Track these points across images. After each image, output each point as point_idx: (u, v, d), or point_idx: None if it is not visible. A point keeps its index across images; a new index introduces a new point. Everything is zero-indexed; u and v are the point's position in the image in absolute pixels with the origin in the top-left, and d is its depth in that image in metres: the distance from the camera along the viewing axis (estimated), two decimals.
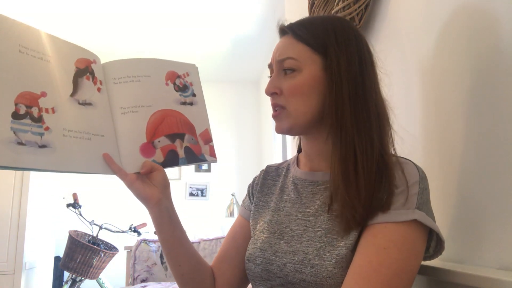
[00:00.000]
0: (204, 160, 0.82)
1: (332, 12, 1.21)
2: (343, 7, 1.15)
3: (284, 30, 0.77)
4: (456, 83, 0.79)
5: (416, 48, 0.94)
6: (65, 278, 3.41)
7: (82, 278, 3.05)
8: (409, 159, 0.69)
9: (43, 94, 0.66)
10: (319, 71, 0.71)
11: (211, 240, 2.62)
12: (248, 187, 0.91)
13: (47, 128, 0.65)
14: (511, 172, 0.64)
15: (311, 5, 1.39)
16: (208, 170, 4.61)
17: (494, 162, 0.68)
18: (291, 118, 0.72)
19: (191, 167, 4.57)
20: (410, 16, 0.99)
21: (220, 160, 4.64)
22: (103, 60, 0.79)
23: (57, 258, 3.82)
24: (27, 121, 0.62)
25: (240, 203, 0.75)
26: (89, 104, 0.72)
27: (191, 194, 4.50)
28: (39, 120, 0.64)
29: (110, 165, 0.72)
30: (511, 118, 0.65)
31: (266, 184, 0.86)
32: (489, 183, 0.69)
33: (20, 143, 0.61)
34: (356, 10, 1.13)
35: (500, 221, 0.66)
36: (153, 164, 0.76)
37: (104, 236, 3.25)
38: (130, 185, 0.74)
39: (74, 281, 3.07)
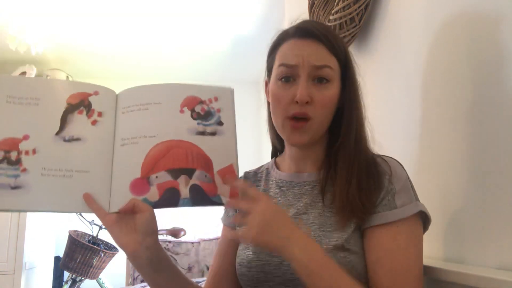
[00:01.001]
0: (219, 203, 0.68)
1: (332, 12, 1.20)
2: (343, 7, 1.15)
3: (311, 34, 0.73)
4: (456, 83, 0.79)
5: (416, 48, 0.94)
6: (65, 278, 3.40)
7: (82, 278, 3.05)
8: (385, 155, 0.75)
9: (25, 137, 0.67)
10: (340, 85, 0.75)
11: (211, 240, 2.62)
12: None
13: (24, 170, 0.66)
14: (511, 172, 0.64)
15: (311, 5, 1.39)
16: None
17: (494, 162, 0.68)
18: (312, 130, 0.72)
19: None
20: (410, 16, 0.98)
21: None
22: (104, 61, 0.78)
23: (57, 258, 3.82)
24: (3, 165, 0.65)
25: None
26: (77, 139, 0.69)
27: None
28: (16, 162, 0.66)
29: (89, 204, 0.66)
30: (509, 118, 0.65)
31: None
32: (489, 183, 0.69)
33: None
34: (356, 10, 1.13)
35: (500, 221, 0.66)
36: (137, 203, 0.66)
37: (104, 236, 3.24)
38: (107, 228, 0.67)
39: (74, 281, 3.07)
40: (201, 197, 0.68)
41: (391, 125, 1.04)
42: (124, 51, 3.86)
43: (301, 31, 0.74)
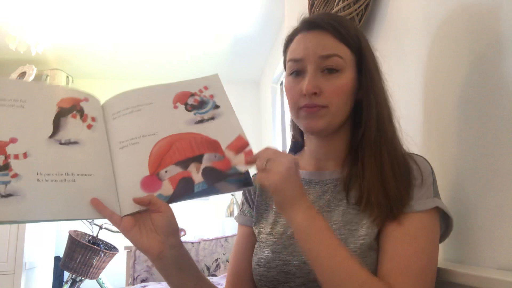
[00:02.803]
0: (236, 174, 0.65)
1: (332, 12, 1.20)
2: (343, 7, 1.15)
3: (317, 25, 0.72)
4: (456, 83, 0.79)
5: (416, 47, 0.94)
6: (65, 278, 3.40)
7: (82, 278, 3.05)
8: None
9: (12, 140, 0.62)
10: (355, 72, 0.72)
11: (211, 240, 2.62)
12: (244, 193, 0.88)
13: (14, 175, 0.60)
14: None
15: (311, 5, 1.39)
16: None
17: (494, 162, 0.68)
18: (329, 117, 0.70)
19: None
20: (410, 16, 0.98)
21: None
22: (104, 61, 0.78)
23: (57, 258, 3.82)
24: None
25: (240, 203, 0.75)
26: (75, 143, 0.66)
27: None
28: (5, 168, 0.60)
29: (100, 210, 0.61)
30: (511, 118, 0.65)
31: (265, 188, 0.85)
32: (490, 183, 0.69)
33: None
34: (356, 10, 1.13)
35: (500, 221, 0.66)
36: (153, 199, 0.63)
37: (104, 236, 3.24)
38: (125, 234, 0.63)
39: (74, 281, 3.07)
40: (216, 175, 0.66)
41: None
42: (124, 51, 3.86)
43: (307, 24, 0.74)
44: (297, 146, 0.86)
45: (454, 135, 0.79)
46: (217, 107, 0.73)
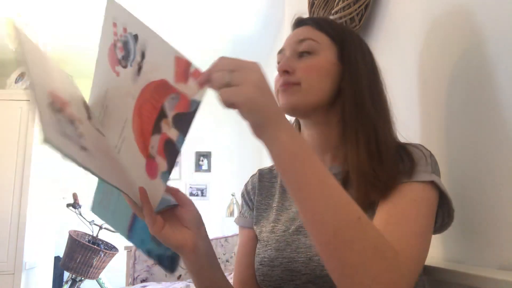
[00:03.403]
0: (198, 103, 0.53)
1: (332, 12, 1.20)
2: (343, 7, 1.15)
3: (302, 22, 0.78)
4: (456, 83, 0.79)
5: (416, 48, 0.94)
6: (65, 278, 3.40)
7: (82, 278, 3.05)
8: None
9: (68, 104, 0.57)
10: (335, 59, 0.73)
11: (211, 240, 2.61)
12: (243, 195, 0.87)
13: (80, 134, 0.54)
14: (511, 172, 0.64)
15: (311, 5, 1.39)
16: (208, 170, 4.61)
17: (494, 161, 0.68)
18: (301, 94, 0.70)
19: (191, 168, 4.56)
20: (409, 16, 0.99)
21: (220, 160, 4.64)
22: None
23: (57, 258, 3.82)
24: (64, 118, 0.53)
25: (240, 203, 0.75)
26: (102, 134, 0.64)
27: (191, 194, 4.50)
28: (72, 123, 0.54)
29: (144, 203, 0.58)
30: (511, 117, 0.65)
31: (264, 187, 0.84)
32: (489, 183, 0.69)
33: (64, 134, 0.50)
34: (356, 10, 1.13)
35: (500, 221, 0.66)
36: (179, 193, 0.63)
37: (104, 236, 3.25)
38: (158, 233, 0.60)
39: (74, 281, 3.07)
40: (186, 120, 0.54)
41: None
42: None
43: (294, 25, 0.80)
44: None
45: (454, 133, 0.79)
46: (135, 38, 0.60)
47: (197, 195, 4.52)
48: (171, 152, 0.56)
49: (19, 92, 3.37)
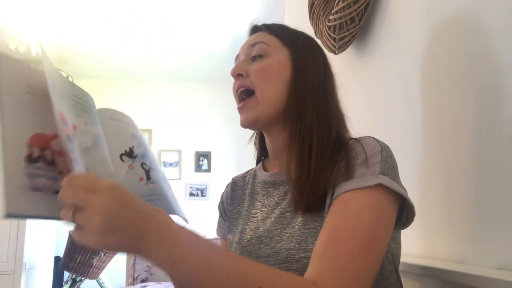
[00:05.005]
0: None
1: (332, 12, 1.20)
2: (343, 7, 1.15)
3: (257, 28, 0.81)
4: (456, 83, 0.79)
5: (416, 48, 0.94)
6: (65, 278, 3.40)
7: (82, 278, 3.05)
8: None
9: (55, 136, 0.57)
10: (286, 60, 0.75)
11: (211, 240, 2.61)
12: (219, 206, 0.90)
13: (60, 173, 0.56)
14: (511, 172, 0.64)
15: (311, 5, 1.39)
16: (208, 170, 4.61)
17: (494, 161, 0.68)
18: (258, 107, 0.73)
19: (191, 168, 4.56)
20: (409, 16, 0.99)
21: (220, 160, 4.64)
22: (104, 61, 0.76)
23: (57, 258, 3.82)
24: (40, 164, 0.54)
25: None
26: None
27: (191, 194, 4.50)
28: (52, 163, 0.56)
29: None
30: (511, 117, 0.65)
31: (236, 196, 0.86)
32: (489, 183, 0.69)
33: (36, 189, 0.52)
34: (356, 10, 1.13)
35: (500, 221, 0.66)
36: None
37: None
38: None
39: (74, 281, 3.07)
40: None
41: (391, 125, 1.04)
42: (124, 52, 3.86)
43: (249, 32, 0.83)
44: (260, 156, 0.88)
45: (455, 135, 0.79)
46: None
47: (197, 195, 4.52)
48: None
49: None
